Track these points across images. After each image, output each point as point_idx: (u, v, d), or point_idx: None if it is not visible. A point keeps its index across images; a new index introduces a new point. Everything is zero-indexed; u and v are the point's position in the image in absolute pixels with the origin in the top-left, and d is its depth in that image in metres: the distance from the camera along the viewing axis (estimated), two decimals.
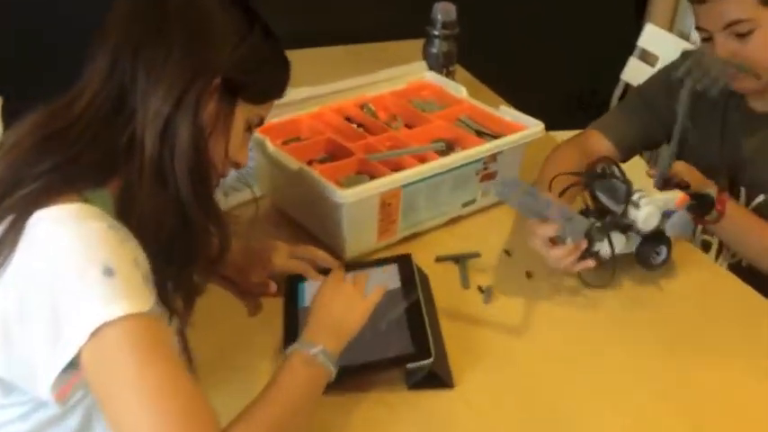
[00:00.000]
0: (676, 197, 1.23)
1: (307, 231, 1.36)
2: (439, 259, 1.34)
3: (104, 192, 0.88)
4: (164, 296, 0.89)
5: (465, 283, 1.28)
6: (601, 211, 1.23)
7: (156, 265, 0.88)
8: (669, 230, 1.24)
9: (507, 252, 1.34)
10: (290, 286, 1.23)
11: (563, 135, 1.58)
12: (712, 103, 1.39)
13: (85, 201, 0.85)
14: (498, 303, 1.25)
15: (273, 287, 1.22)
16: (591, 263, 1.20)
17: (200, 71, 0.89)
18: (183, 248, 0.93)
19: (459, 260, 1.33)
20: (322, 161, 1.40)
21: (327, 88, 1.54)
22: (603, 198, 1.23)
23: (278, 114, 1.44)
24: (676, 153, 1.26)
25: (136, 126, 0.88)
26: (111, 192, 0.89)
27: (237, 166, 1.01)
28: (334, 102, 1.53)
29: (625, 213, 1.21)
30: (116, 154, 0.88)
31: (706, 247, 1.45)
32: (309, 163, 1.38)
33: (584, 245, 1.19)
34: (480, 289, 1.27)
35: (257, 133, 1.35)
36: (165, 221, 0.90)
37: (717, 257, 1.44)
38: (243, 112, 0.96)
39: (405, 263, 1.23)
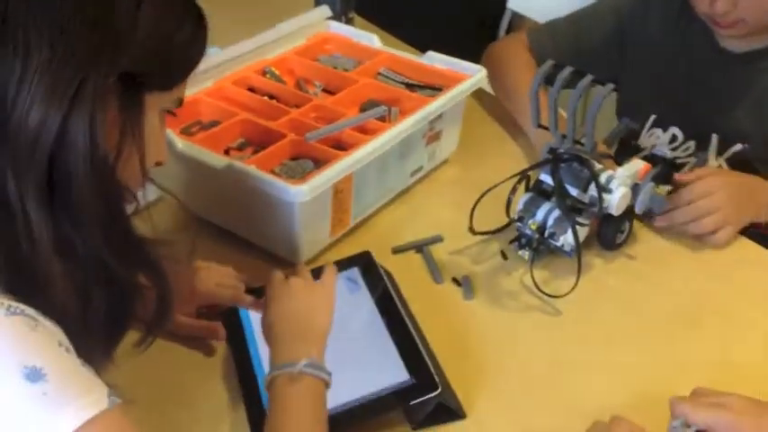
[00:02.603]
0: (639, 168, 1.07)
1: (234, 236, 1.11)
2: (397, 250, 1.12)
3: None
4: None
5: (438, 278, 1.07)
6: (561, 196, 1.05)
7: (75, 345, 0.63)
8: (639, 208, 1.08)
9: (472, 230, 1.13)
10: (229, 319, 0.97)
11: None
12: (670, 42, 1.26)
13: None
14: (481, 296, 1.05)
15: (221, 332, 0.96)
16: None
17: (93, 65, 0.60)
18: (108, 318, 0.68)
19: (421, 249, 1.12)
20: (240, 148, 1.13)
21: (218, 57, 1.25)
22: (567, 184, 1.06)
23: None
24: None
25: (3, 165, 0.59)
26: None
27: (159, 164, 0.75)
28: (229, 72, 1.25)
29: (597, 199, 1.03)
30: None
31: None
32: (226, 152, 1.11)
33: None
34: (456, 281, 1.07)
35: None
36: (82, 292, 0.64)
37: None
38: (154, 103, 0.69)
39: (366, 263, 1.02)
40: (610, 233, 1.10)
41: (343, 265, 1.02)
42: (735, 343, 0.99)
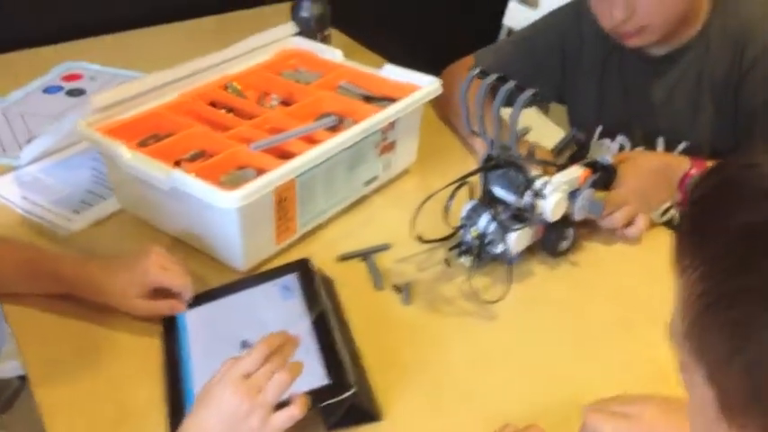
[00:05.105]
0: (579, 174, 1.08)
1: (189, 246, 1.14)
2: (343, 258, 1.14)
3: None
4: None
5: (378, 284, 1.08)
6: (495, 203, 1.07)
7: None
8: (578, 214, 1.08)
9: (420, 238, 1.14)
10: (167, 321, 1.00)
11: None
12: (602, 55, 1.28)
13: None
14: (420, 302, 1.05)
15: (180, 306, 1.00)
16: None
17: None
18: None
19: (366, 256, 1.14)
20: (192, 159, 1.17)
21: (181, 71, 1.29)
22: (499, 191, 1.07)
23: (127, 110, 1.19)
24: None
25: None
26: None
27: None
28: (192, 86, 1.29)
29: (531, 206, 1.04)
30: None
31: None
32: (177, 164, 1.14)
33: None
34: (397, 288, 1.08)
35: (108, 138, 1.11)
36: None
37: None
38: None
39: (303, 270, 1.03)
40: (552, 240, 1.10)
41: (280, 272, 1.04)
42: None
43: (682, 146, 1.22)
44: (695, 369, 0.51)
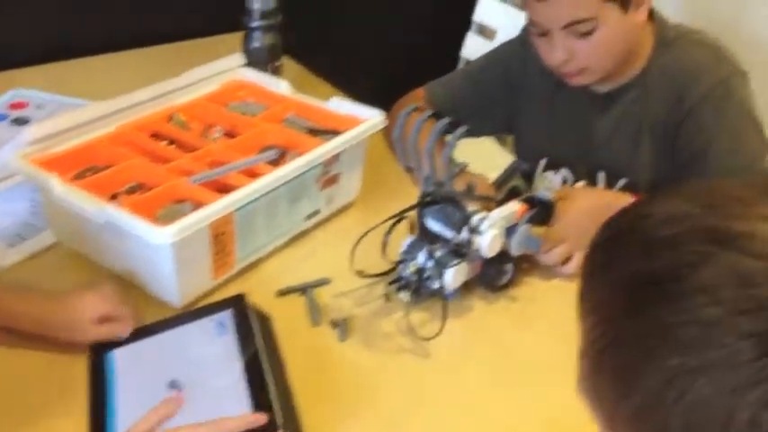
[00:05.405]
0: (516, 209, 1.08)
1: (125, 281, 1.11)
2: (282, 293, 1.12)
3: None
4: None
5: (315, 320, 1.07)
6: (434, 239, 1.06)
7: None
8: (515, 250, 1.09)
9: (360, 273, 1.12)
10: (95, 359, 0.97)
11: None
12: (549, 90, 1.30)
13: None
14: (356, 338, 1.04)
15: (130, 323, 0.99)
16: None
17: None
18: None
19: (305, 291, 1.12)
20: (130, 192, 1.15)
21: (124, 101, 1.28)
22: (436, 226, 1.07)
23: (65, 141, 1.18)
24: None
25: None
26: None
27: None
28: (133, 117, 1.27)
29: (468, 242, 1.04)
30: None
31: None
32: (114, 197, 1.13)
33: None
34: (334, 324, 1.06)
35: (42, 171, 1.10)
36: None
37: None
38: None
39: (238, 306, 1.01)
40: (490, 275, 1.10)
41: (214, 308, 1.02)
42: None
43: (622, 182, 1.23)
44: (595, 416, 0.51)
